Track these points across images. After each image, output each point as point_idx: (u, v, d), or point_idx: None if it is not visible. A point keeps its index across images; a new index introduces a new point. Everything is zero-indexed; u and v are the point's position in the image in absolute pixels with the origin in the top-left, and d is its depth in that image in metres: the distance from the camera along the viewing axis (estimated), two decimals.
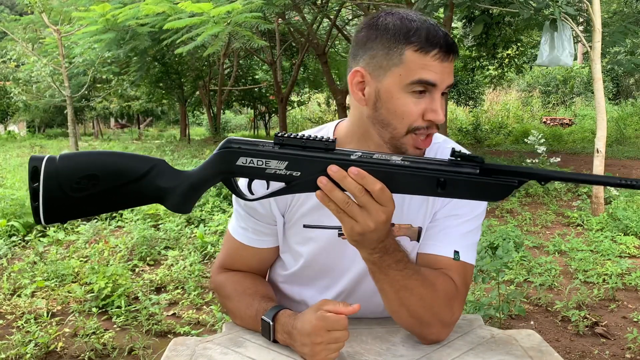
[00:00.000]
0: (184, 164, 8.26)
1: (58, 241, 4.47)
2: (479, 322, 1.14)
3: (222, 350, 1.02)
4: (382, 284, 0.97)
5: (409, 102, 0.98)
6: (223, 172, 0.90)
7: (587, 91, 19.17)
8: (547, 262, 3.85)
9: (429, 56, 0.97)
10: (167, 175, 0.91)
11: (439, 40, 0.97)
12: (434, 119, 0.98)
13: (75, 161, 0.88)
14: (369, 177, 0.84)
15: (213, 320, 2.95)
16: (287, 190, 0.89)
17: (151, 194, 0.91)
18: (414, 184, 0.86)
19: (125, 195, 0.90)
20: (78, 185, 0.87)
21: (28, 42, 12.38)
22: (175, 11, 6.26)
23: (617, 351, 2.66)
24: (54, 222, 0.89)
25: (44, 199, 0.86)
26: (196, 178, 0.91)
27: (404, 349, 1.01)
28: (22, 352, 2.56)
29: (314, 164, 0.86)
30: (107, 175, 0.88)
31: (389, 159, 0.86)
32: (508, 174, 0.84)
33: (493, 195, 0.85)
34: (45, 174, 0.86)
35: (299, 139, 0.87)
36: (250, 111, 23.12)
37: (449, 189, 0.85)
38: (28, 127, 22.36)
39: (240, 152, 0.87)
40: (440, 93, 0.99)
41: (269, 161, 0.87)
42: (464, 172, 0.85)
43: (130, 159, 0.90)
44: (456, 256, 1.06)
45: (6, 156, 10.84)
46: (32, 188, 0.86)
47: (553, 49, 6.08)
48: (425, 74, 0.97)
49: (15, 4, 21.40)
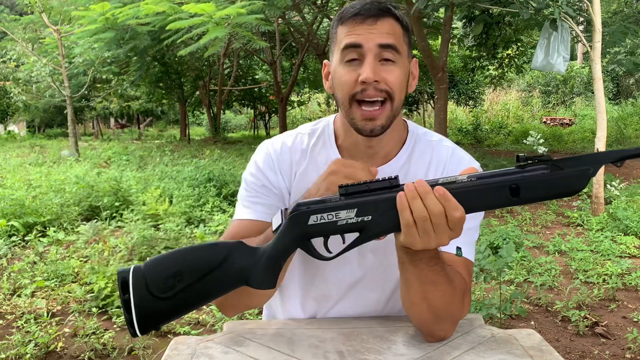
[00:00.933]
0: (183, 164, 8.26)
1: (58, 241, 4.47)
2: (480, 322, 1.14)
3: (223, 349, 1.02)
4: (409, 276, 0.96)
5: (344, 72, 1.04)
6: (298, 237, 0.89)
7: (587, 91, 19.18)
8: (547, 262, 3.85)
9: (350, 23, 1.04)
10: (245, 255, 0.92)
11: (360, 7, 1.03)
12: (362, 77, 1.00)
13: (160, 263, 0.92)
14: (453, 200, 0.83)
15: (213, 320, 2.95)
16: (362, 238, 0.88)
17: (235, 277, 0.92)
18: (487, 198, 0.84)
19: (211, 284, 0.92)
20: (165, 284, 0.90)
21: (28, 42, 12.39)
22: (175, 11, 6.27)
23: (617, 351, 2.66)
24: (148, 330, 0.91)
25: (137, 308, 0.89)
26: (273, 250, 0.91)
27: (405, 348, 1.01)
28: (22, 352, 2.56)
29: (382, 203, 0.86)
30: (191, 269, 0.91)
31: (455, 180, 0.85)
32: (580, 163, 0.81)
33: (569, 188, 0.82)
34: (135, 283, 0.89)
35: (362, 183, 0.87)
36: (250, 111, 23.13)
37: (524, 194, 0.82)
38: (28, 127, 22.36)
39: (310, 211, 0.87)
40: (372, 54, 1.01)
41: (338, 213, 0.86)
42: (535, 173, 0.82)
43: (209, 249, 0.94)
44: (459, 252, 1.06)
45: (6, 156, 10.84)
46: (124, 300, 0.89)
47: (548, 55, 6.10)
48: (348, 38, 1.03)
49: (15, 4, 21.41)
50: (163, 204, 5.27)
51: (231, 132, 22.80)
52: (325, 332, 1.09)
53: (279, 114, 13.61)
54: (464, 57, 14.17)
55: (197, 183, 6.38)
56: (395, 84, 1.03)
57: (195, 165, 7.26)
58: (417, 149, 1.16)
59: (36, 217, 4.90)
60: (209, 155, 10.16)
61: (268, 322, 1.18)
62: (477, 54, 11.72)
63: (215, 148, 11.88)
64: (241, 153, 11.25)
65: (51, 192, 5.81)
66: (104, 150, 11.62)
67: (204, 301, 0.93)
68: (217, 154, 10.11)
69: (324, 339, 1.05)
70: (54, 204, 5.24)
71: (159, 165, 8.54)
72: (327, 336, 1.06)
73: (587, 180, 0.81)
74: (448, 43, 7.91)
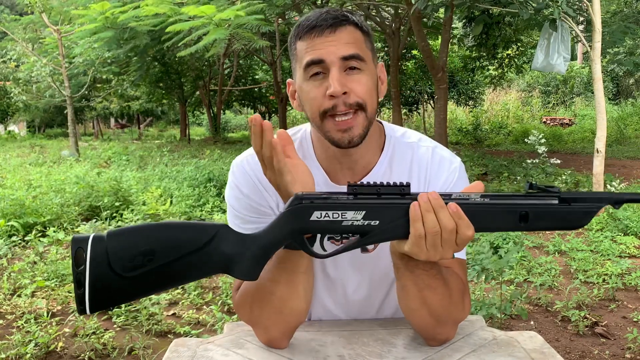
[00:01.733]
0: (184, 164, 8.26)
1: (58, 241, 4.47)
2: (481, 323, 1.13)
3: (223, 351, 1.02)
4: (406, 281, 0.95)
5: (311, 89, 1.00)
6: (295, 231, 0.84)
7: (587, 91, 19.18)
8: (547, 262, 3.85)
9: (309, 38, 1.00)
10: (232, 240, 0.85)
11: (317, 20, 0.99)
12: (330, 92, 0.97)
13: (127, 238, 0.82)
14: (466, 219, 0.83)
15: (213, 320, 2.95)
16: (363, 241, 0.85)
17: (215, 263, 0.84)
18: (497, 220, 0.85)
19: (186, 268, 0.83)
20: (132, 263, 0.80)
21: (28, 42, 12.38)
22: (175, 12, 6.27)
23: (617, 351, 2.65)
24: (101, 308, 0.81)
25: (91, 285, 0.79)
26: (266, 240, 0.85)
27: (406, 351, 1.01)
28: (22, 352, 2.55)
29: (393, 210, 0.84)
30: (165, 249, 0.81)
31: (468, 198, 0.85)
32: (586, 201, 0.85)
33: (574, 223, 0.85)
34: (93, 256, 0.79)
35: (373, 186, 0.84)
36: (250, 111, 23.11)
37: (532, 222, 0.85)
38: (28, 127, 22.35)
39: (314, 206, 0.83)
40: (336, 67, 0.98)
41: (345, 212, 0.83)
42: (545, 204, 0.85)
43: (191, 228, 0.85)
44: None
45: (6, 156, 10.83)
46: (77, 273, 0.79)
47: (548, 55, 6.11)
48: (308, 55, 0.99)
49: (15, 4, 21.40)
50: (163, 204, 5.27)
51: (231, 132, 22.79)
52: (326, 335, 1.08)
53: (279, 114, 13.61)
54: (464, 57, 14.17)
55: (197, 183, 6.38)
56: (365, 93, 1.00)
57: (196, 165, 7.27)
58: (396, 153, 1.12)
59: (36, 217, 4.90)
60: (209, 155, 10.16)
61: None
62: (477, 54, 11.71)
63: (215, 148, 11.87)
64: (241, 153, 11.23)
65: (51, 192, 5.81)
66: (104, 150, 11.62)
67: (173, 286, 0.86)
68: (217, 154, 10.10)
69: (324, 343, 1.05)
70: (54, 204, 5.24)
71: (159, 165, 8.53)
72: (328, 339, 1.06)
73: (591, 217, 0.85)
74: (448, 43, 7.91)
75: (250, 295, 1.01)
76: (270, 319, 0.99)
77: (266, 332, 1.02)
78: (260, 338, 1.04)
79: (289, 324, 1.01)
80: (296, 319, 1.01)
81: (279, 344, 1.03)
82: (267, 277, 0.97)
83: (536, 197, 0.85)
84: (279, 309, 0.98)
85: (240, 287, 1.05)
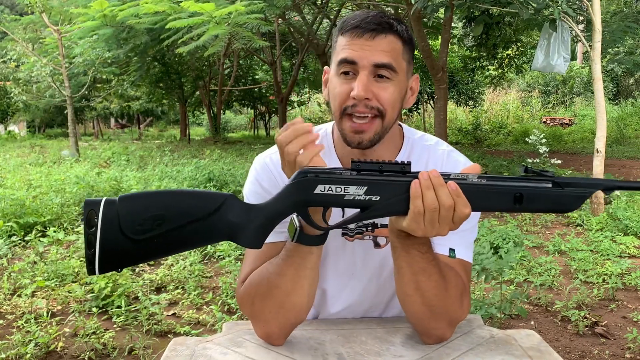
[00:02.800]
0: (184, 164, 8.26)
1: (58, 241, 4.47)
2: (479, 322, 1.14)
3: (222, 350, 1.02)
4: (401, 262, 0.97)
5: (338, 84, 1.03)
6: (299, 202, 0.88)
7: (587, 91, 19.18)
8: (547, 262, 3.85)
9: (349, 35, 1.02)
10: (238, 210, 0.88)
11: (361, 20, 1.02)
12: (353, 94, 1.00)
13: (138, 202, 0.85)
14: (464, 197, 0.86)
15: (213, 320, 2.95)
16: (363, 215, 0.88)
17: (221, 231, 0.87)
18: (492, 200, 0.88)
19: (193, 234, 0.86)
20: (142, 226, 0.83)
21: (28, 42, 12.38)
22: (175, 10, 6.26)
23: (617, 351, 2.66)
24: (110, 270, 0.84)
25: (101, 246, 0.82)
26: (271, 210, 0.88)
27: (404, 350, 1.01)
28: (22, 352, 2.56)
29: (394, 187, 0.87)
30: (173, 215, 0.84)
31: (466, 178, 0.88)
32: (579, 186, 0.88)
33: (566, 206, 0.89)
34: (105, 218, 0.82)
35: (375, 163, 0.87)
36: (250, 111, 23.13)
37: (526, 203, 0.88)
38: (28, 127, 22.36)
39: (319, 180, 0.86)
40: (366, 72, 1.00)
41: (347, 187, 0.86)
42: (539, 187, 0.88)
43: (199, 196, 0.88)
44: (451, 254, 1.06)
45: (6, 156, 10.84)
46: (88, 234, 0.82)
47: (548, 56, 6.10)
48: (344, 53, 1.02)
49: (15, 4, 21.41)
50: None
51: (231, 132, 22.81)
52: (324, 333, 1.09)
53: (279, 114, 13.61)
54: (464, 57, 14.18)
55: (197, 183, 6.39)
56: (388, 102, 1.02)
57: (196, 165, 7.26)
58: (413, 154, 1.15)
59: (36, 217, 4.90)
60: (209, 155, 10.16)
61: None
62: (477, 54, 11.72)
63: (215, 148, 11.88)
64: (241, 153, 11.25)
65: (51, 192, 5.81)
66: (104, 150, 11.63)
67: (179, 251, 0.89)
68: (217, 154, 10.11)
69: (323, 341, 1.05)
70: (54, 204, 5.24)
71: (159, 165, 8.54)
72: (326, 338, 1.06)
73: (582, 202, 0.88)
74: (448, 43, 7.91)
75: (254, 286, 1.02)
76: (271, 313, 1.01)
77: (265, 325, 1.03)
78: (258, 332, 1.05)
79: (288, 319, 1.02)
80: (296, 316, 1.02)
81: (276, 339, 1.03)
82: (274, 270, 0.99)
83: (531, 180, 0.88)
84: (281, 303, 1.00)
85: (245, 279, 1.06)
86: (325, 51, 10.55)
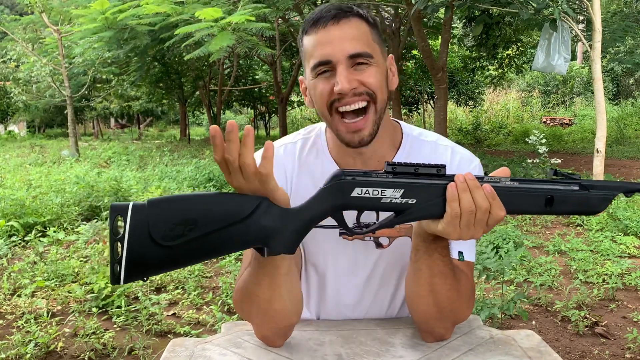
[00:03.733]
0: (184, 164, 8.26)
1: (58, 241, 4.47)
2: (478, 323, 1.14)
3: (221, 351, 1.02)
4: (421, 265, 0.96)
5: (319, 84, 1.02)
6: (337, 206, 0.85)
7: (587, 91, 19.18)
8: (547, 262, 3.85)
9: (314, 31, 1.00)
10: (273, 214, 0.83)
11: (320, 13, 1.00)
12: (337, 89, 0.98)
13: (169, 206, 0.80)
14: (498, 200, 0.86)
15: (213, 320, 2.95)
16: (399, 219, 0.87)
17: (254, 236, 0.83)
18: (525, 203, 0.89)
19: (225, 239, 0.81)
20: (172, 232, 0.78)
21: (28, 42, 12.38)
22: (176, 12, 6.25)
23: (617, 351, 2.65)
24: (135, 279, 0.79)
25: (129, 254, 0.77)
26: (307, 214, 0.85)
27: (403, 350, 1.01)
28: (22, 352, 2.56)
29: (430, 190, 0.86)
30: (206, 219, 0.80)
31: (499, 181, 0.88)
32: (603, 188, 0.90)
33: (592, 208, 0.90)
34: (133, 224, 0.77)
35: (410, 165, 0.86)
36: (250, 111, 23.12)
37: (556, 205, 0.89)
38: (28, 127, 22.36)
39: (356, 182, 0.84)
40: (343, 65, 0.98)
41: (384, 190, 0.85)
42: (568, 189, 0.89)
43: (232, 199, 0.83)
44: (460, 257, 1.06)
45: (6, 156, 10.84)
46: (114, 241, 0.77)
47: (548, 56, 6.11)
48: (316, 54, 1.00)
49: (15, 4, 21.41)
50: None
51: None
52: (324, 334, 1.09)
53: (279, 114, 13.61)
54: (464, 57, 14.18)
55: (197, 183, 6.39)
56: (375, 84, 1.00)
57: (196, 165, 7.27)
58: (413, 150, 1.14)
59: (36, 217, 4.90)
60: (209, 155, 10.16)
61: None
62: (477, 54, 11.72)
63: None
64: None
65: (51, 192, 5.81)
66: (104, 150, 11.63)
67: (209, 257, 0.85)
68: None
69: (322, 342, 1.05)
70: (54, 204, 5.24)
71: (159, 165, 8.54)
72: (326, 339, 1.06)
73: (608, 204, 0.90)
74: (448, 43, 7.91)
75: (239, 293, 1.00)
76: (258, 318, 1.00)
77: (258, 329, 1.03)
78: (256, 334, 1.04)
79: (277, 324, 1.00)
80: (284, 320, 0.99)
81: (273, 342, 1.02)
82: (250, 280, 0.96)
83: (559, 182, 0.90)
84: (264, 310, 0.97)
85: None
86: None
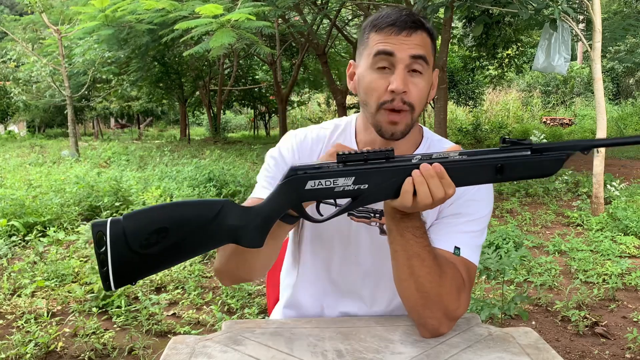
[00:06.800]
0: (184, 164, 8.26)
1: (58, 241, 4.47)
2: (477, 320, 1.14)
3: (222, 348, 1.02)
4: (396, 246, 1.00)
5: (375, 78, 1.08)
6: (293, 200, 0.92)
7: (587, 91, 19.18)
8: (547, 262, 3.85)
9: (385, 32, 1.07)
10: (236, 213, 0.92)
11: (396, 19, 1.07)
12: (392, 87, 1.05)
13: (142, 218, 0.89)
14: (447, 178, 0.90)
15: (213, 320, 2.95)
16: (355, 204, 0.92)
17: (223, 235, 0.92)
18: (475, 174, 0.92)
19: (197, 241, 0.91)
20: (147, 241, 0.88)
21: (28, 42, 12.39)
22: (175, 7, 6.25)
23: (617, 351, 2.66)
24: (125, 284, 0.89)
25: (113, 263, 0.87)
26: (268, 210, 0.93)
27: (402, 347, 1.01)
28: (22, 352, 2.56)
29: (380, 174, 0.90)
30: (176, 226, 0.89)
31: (447, 157, 0.91)
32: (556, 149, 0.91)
33: (545, 171, 0.91)
34: (112, 237, 0.87)
35: (359, 153, 0.90)
36: (250, 111, 23.14)
37: (507, 173, 0.91)
38: (28, 127, 22.37)
39: (308, 176, 0.90)
40: (402, 65, 1.06)
41: (336, 180, 0.90)
42: (518, 155, 0.91)
43: (198, 205, 0.93)
44: (456, 251, 1.08)
45: (6, 156, 10.84)
46: (99, 254, 0.87)
47: (549, 56, 6.11)
48: (381, 45, 1.07)
49: (15, 4, 21.43)
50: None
51: (231, 132, 22.81)
52: (324, 331, 1.09)
53: (279, 114, 13.61)
54: (464, 57, 14.19)
55: (197, 183, 6.38)
56: (419, 98, 1.08)
57: (196, 165, 7.26)
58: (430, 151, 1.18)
59: (36, 217, 4.90)
60: (209, 155, 10.16)
61: (266, 321, 1.19)
62: (477, 54, 11.73)
63: (215, 148, 11.88)
64: (241, 153, 11.25)
65: (51, 192, 5.81)
66: (104, 150, 11.63)
67: (187, 258, 0.93)
68: (217, 154, 10.11)
69: (322, 338, 1.05)
70: (54, 204, 5.24)
71: (159, 165, 8.54)
72: (326, 335, 1.07)
73: (561, 165, 0.90)
74: (448, 43, 7.91)
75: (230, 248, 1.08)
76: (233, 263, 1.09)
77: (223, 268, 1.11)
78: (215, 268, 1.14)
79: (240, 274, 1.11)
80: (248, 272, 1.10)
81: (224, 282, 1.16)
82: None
83: (510, 149, 0.91)
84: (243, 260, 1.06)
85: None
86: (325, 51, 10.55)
